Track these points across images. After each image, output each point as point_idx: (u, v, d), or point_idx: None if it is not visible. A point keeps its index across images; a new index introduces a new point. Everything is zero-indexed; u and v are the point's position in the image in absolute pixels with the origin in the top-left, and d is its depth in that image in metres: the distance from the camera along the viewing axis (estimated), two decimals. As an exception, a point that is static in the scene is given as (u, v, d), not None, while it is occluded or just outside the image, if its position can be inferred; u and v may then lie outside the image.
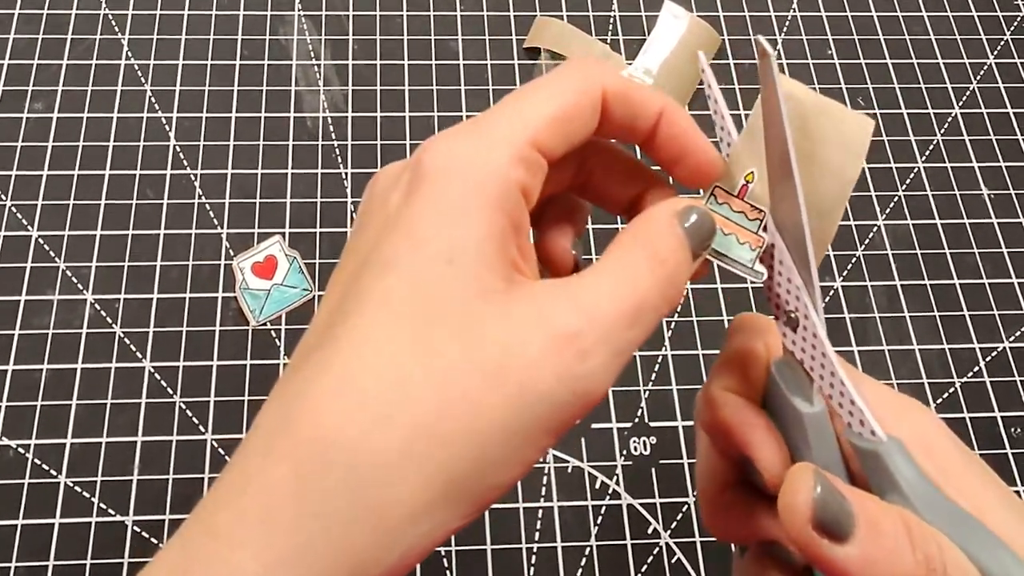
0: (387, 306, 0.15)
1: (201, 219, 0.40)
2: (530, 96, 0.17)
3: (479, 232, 0.15)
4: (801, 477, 0.16)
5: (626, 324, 0.15)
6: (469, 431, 0.14)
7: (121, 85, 0.43)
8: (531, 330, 0.15)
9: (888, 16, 0.50)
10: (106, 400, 0.35)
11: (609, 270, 0.16)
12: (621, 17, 0.49)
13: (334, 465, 0.14)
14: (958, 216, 0.44)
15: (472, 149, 0.16)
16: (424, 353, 0.14)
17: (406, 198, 0.16)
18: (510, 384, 0.14)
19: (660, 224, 0.17)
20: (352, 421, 0.14)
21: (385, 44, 0.46)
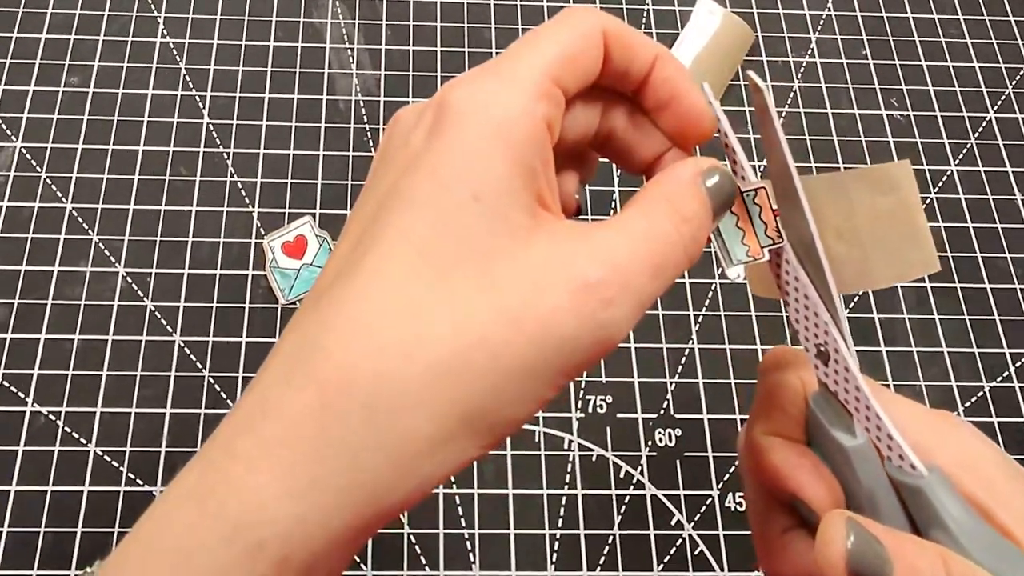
0: (407, 242, 0.15)
1: (233, 197, 0.41)
2: (542, 37, 0.17)
3: (506, 168, 0.15)
4: (834, 526, 0.16)
5: (648, 276, 0.16)
6: (488, 370, 0.15)
7: (156, 63, 0.44)
8: (555, 274, 0.15)
9: (924, 18, 0.51)
10: (136, 372, 0.37)
11: (634, 222, 0.16)
12: (654, 11, 0.50)
13: (355, 395, 0.14)
14: (990, 220, 0.45)
15: (496, 87, 0.16)
16: (445, 291, 0.15)
17: (429, 137, 0.16)
18: (531, 327, 0.15)
19: (684, 181, 0.17)
20: (373, 355, 0.14)
21: (418, 30, 0.47)
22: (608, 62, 0.18)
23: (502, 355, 0.15)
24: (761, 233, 0.18)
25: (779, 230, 0.18)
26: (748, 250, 0.18)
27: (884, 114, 0.48)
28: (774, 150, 0.18)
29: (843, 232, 0.19)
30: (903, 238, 0.18)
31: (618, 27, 0.18)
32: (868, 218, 0.19)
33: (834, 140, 0.47)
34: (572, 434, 0.38)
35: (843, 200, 0.19)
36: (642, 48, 0.18)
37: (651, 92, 0.19)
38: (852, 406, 0.17)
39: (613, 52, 0.18)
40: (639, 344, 0.40)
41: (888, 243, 0.18)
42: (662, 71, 0.18)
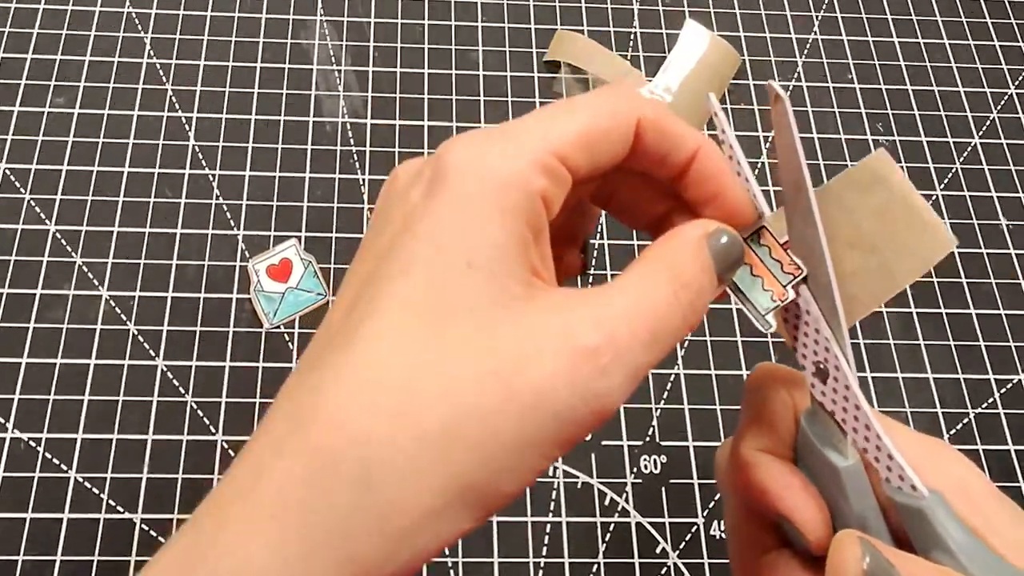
0: (403, 307, 0.15)
1: (218, 219, 0.42)
2: (560, 110, 0.17)
3: (500, 237, 0.16)
4: (848, 547, 0.16)
5: (645, 344, 0.16)
6: (480, 440, 0.15)
7: (143, 83, 0.45)
8: (549, 341, 0.15)
9: (909, 42, 0.53)
10: (118, 397, 0.37)
11: (631, 287, 0.16)
12: (642, 33, 0.51)
13: (346, 464, 0.14)
14: (976, 245, 0.47)
15: (494, 153, 0.16)
16: (439, 357, 0.15)
17: (425, 198, 0.16)
18: (525, 394, 0.15)
19: (687, 245, 0.17)
20: (365, 422, 0.15)
21: (406, 52, 0.49)
22: (641, 148, 0.18)
23: (495, 424, 0.15)
24: (778, 272, 0.18)
25: (795, 262, 0.18)
26: (772, 295, 0.18)
27: (870, 139, 0.50)
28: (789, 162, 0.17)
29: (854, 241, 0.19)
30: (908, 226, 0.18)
31: (655, 114, 0.18)
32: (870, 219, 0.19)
33: (820, 164, 0.48)
34: (558, 461, 0.39)
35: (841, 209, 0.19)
36: (682, 139, 0.18)
37: (692, 185, 0.19)
38: (850, 425, 0.17)
39: (648, 140, 0.18)
40: (625, 369, 0.41)
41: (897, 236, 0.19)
42: (705, 166, 0.18)
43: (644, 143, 0.18)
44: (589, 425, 0.16)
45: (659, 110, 0.18)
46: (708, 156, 0.18)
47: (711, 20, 0.52)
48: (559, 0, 0.52)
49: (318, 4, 0.49)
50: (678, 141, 0.18)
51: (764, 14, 0.53)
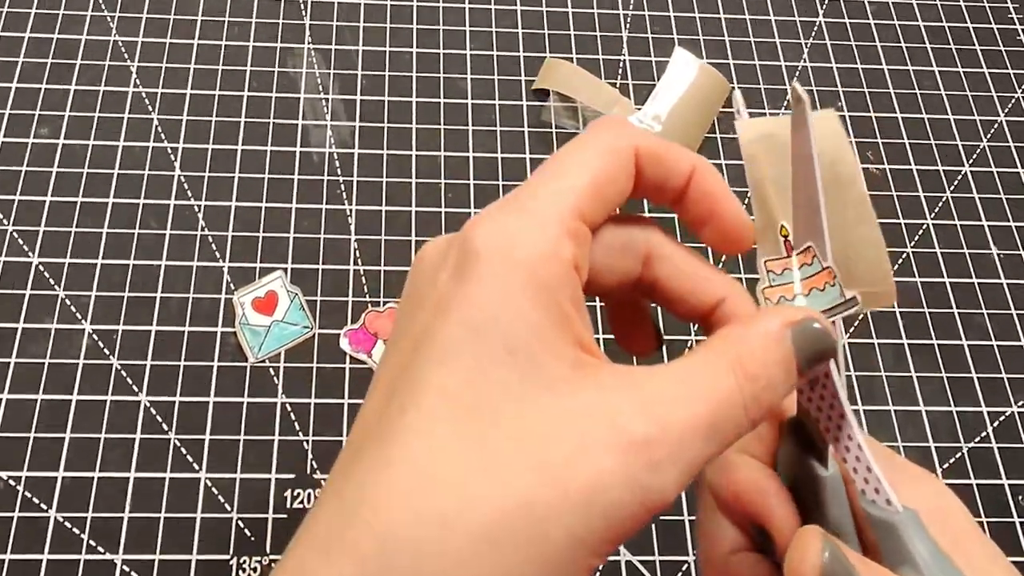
0: (443, 399, 0.15)
1: (203, 251, 0.42)
2: (567, 164, 0.17)
3: (537, 316, 0.15)
4: (809, 541, 0.16)
5: (702, 438, 0.15)
6: (532, 538, 0.14)
7: (128, 113, 0.46)
8: (600, 430, 0.15)
9: (899, 69, 0.54)
10: (100, 434, 0.37)
11: (692, 374, 0.16)
12: (631, 61, 0.52)
13: (396, 568, 0.14)
14: (967, 275, 0.47)
15: (521, 228, 0.16)
16: (485, 452, 0.15)
17: (456, 281, 0.16)
18: (575, 490, 0.14)
19: (762, 333, 0.16)
20: (412, 525, 0.14)
21: (393, 81, 0.49)
22: (641, 179, 0.18)
23: (546, 521, 0.14)
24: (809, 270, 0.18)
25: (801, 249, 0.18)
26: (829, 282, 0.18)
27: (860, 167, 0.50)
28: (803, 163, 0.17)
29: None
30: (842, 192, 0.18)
31: (650, 144, 0.18)
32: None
33: (811, 193, 0.49)
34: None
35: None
36: (677, 163, 0.18)
37: (690, 206, 0.19)
38: (832, 434, 0.17)
39: (646, 170, 0.18)
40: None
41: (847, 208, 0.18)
42: (700, 184, 0.18)
43: (644, 173, 0.18)
44: (641, 520, 0.15)
45: (652, 138, 0.18)
46: (704, 175, 0.18)
47: (700, 47, 0.53)
48: (548, 28, 0.52)
49: (306, 32, 0.50)
50: (675, 164, 0.18)
51: (753, 41, 0.54)
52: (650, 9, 0.54)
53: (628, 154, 0.18)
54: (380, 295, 0.42)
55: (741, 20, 0.54)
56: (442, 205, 0.45)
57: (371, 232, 0.44)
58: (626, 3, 0.54)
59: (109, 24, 0.48)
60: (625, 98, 0.50)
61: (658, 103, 0.50)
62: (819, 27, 0.55)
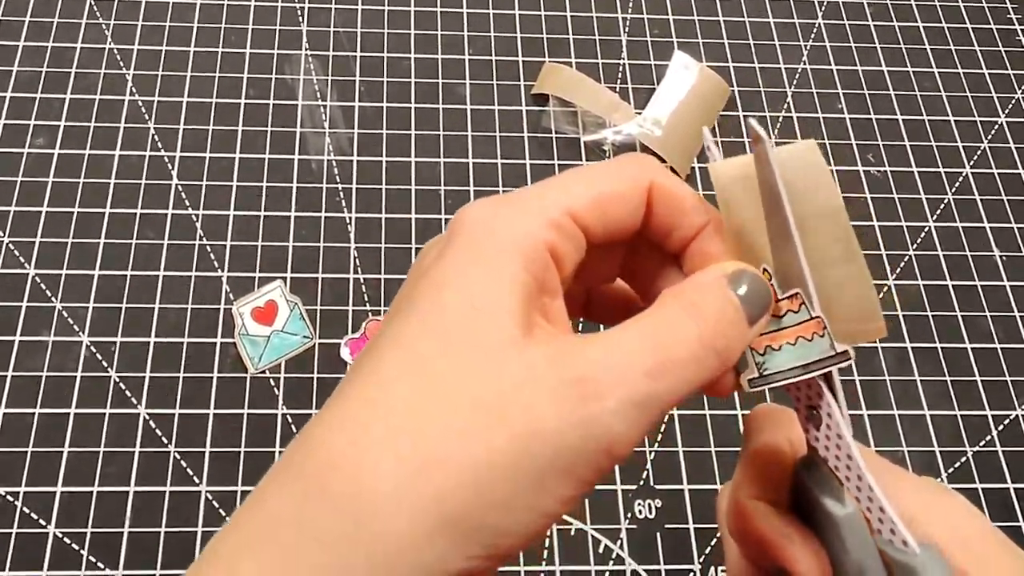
0: (401, 346, 0.16)
1: (202, 261, 0.42)
2: (575, 174, 0.18)
3: (505, 284, 0.16)
4: None
5: (648, 374, 0.16)
6: (467, 466, 0.15)
7: (124, 122, 0.45)
8: (541, 372, 0.15)
9: (899, 71, 0.54)
10: (99, 448, 0.37)
11: (637, 323, 0.17)
12: (630, 65, 0.52)
13: (335, 493, 0.15)
14: (970, 278, 0.47)
15: (508, 212, 0.17)
16: (430, 389, 0.16)
17: (440, 252, 0.18)
18: (515, 423, 0.15)
19: (705, 280, 0.17)
20: (352, 452, 0.15)
21: (392, 87, 0.49)
22: (653, 216, 0.18)
23: (483, 449, 0.15)
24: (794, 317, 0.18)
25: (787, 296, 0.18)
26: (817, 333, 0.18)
27: (861, 170, 0.50)
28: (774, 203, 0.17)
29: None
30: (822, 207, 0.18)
31: (669, 184, 0.18)
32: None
33: (812, 196, 0.49)
34: (549, 506, 0.39)
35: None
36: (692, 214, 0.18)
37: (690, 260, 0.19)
38: (843, 474, 0.17)
39: (659, 206, 0.18)
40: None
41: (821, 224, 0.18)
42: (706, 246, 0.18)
43: (655, 210, 0.18)
44: (593, 458, 0.15)
45: (674, 180, 0.18)
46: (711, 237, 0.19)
47: (700, 51, 0.53)
48: (546, 32, 0.52)
49: (303, 38, 0.50)
50: (687, 214, 0.18)
51: (753, 44, 0.54)
52: (649, 12, 0.54)
53: (641, 183, 0.18)
54: (381, 303, 0.42)
55: (740, 23, 0.54)
56: (442, 212, 0.45)
57: (371, 240, 0.44)
58: (625, 7, 0.54)
59: (104, 32, 0.48)
60: (625, 103, 0.50)
61: (658, 107, 0.49)
62: (818, 29, 0.55)
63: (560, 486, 0.15)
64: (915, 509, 0.18)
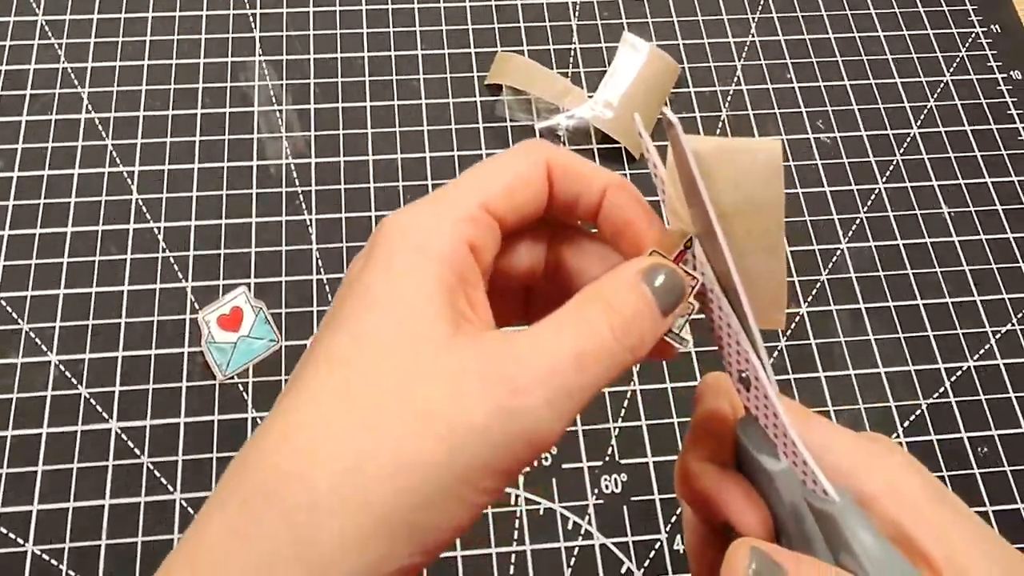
0: (330, 360, 0.16)
1: (165, 273, 0.40)
2: (481, 168, 0.18)
3: (424, 287, 0.16)
4: (737, 553, 0.16)
5: (570, 368, 0.15)
6: (397, 468, 0.14)
7: (82, 140, 0.42)
8: (465, 371, 0.15)
9: (845, 37, 0.51)
10: (72, 464, 0.35)
11: (556, 319, 0.16)
12: (581, 49, 0.49)
13: (274, 505, 0.15)
14: (919, 236, 0.45)
15: (422, 215, 0.17)
16: (360, 398, 0.15)
17: (363, 267, 0.17)
18: (439, 423, 0.15)
19: (619, 278, 0.17)
20: (286, 464, 0.15)
21: (346, 87, 0.46)
22: (556, 193, 0.18)
23: (409, 451, 0.15)
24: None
25: (691, 274, 0.18)
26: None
27: (811, 137, 0.47)
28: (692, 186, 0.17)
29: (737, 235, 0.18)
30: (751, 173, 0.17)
31: (563, 158, 0.18)
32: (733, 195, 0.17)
33: (764, 167, 0.46)
34: (518, 488, 0.37)
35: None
36: (591, 179, 0.18)
37: (604, 221, 0.19)
38: (772, 432, 0.17)
39: (559, 184, 0.18)
40: (581, 391, 0.39)
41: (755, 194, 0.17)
42: (615, 200, 0.19)
43: (557, 187, 0.18)
44: (518, 451, 0.15)
45: (569, 155, 0.18)
46: (616, 191, 0.19)
47: (650, 30, 0.50)
48: (497, 22, 0.49)
49: (256, 44, 0.47)
50: (587, 180, 0.18)
51: (701, 19, 0.51)
52: (597, -5, 0.51)
53: (540, 164, 0.18)
54: (345, 302, 0.40)
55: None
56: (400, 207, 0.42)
57: (332, 240, 0.41)
58: (573, -10, 0.51)
59: (57, 51, 0.45)
60: (577, 87, 0.47)
61: (609, 89, 0.46)
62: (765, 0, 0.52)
63: (486, 479, 0.15)
64: (851, 464, 0.17)
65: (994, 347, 0.42)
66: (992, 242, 0.45)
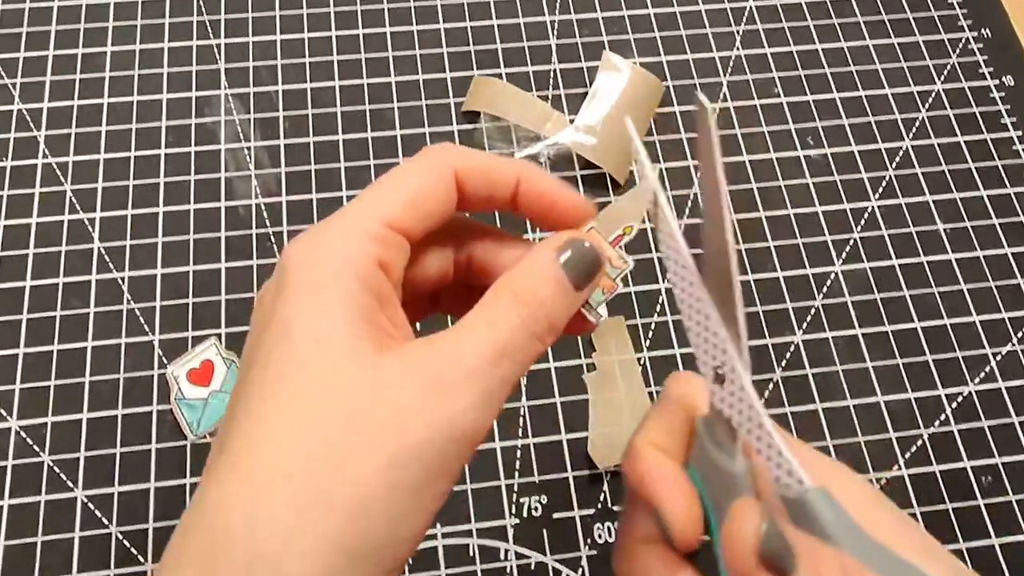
0: (265, 398, 0.15)
1: (131, 326, 0.37)
2: (382, 184, 0.18)
3: (341, 311, 0.16)
4: (750, 511, 0.16)
5: (491, 363, 0.16)
6: (349, 498, 0.14)
7: (39, 187, 0.39)
8: (400, 382, 0.15)
9: (833, 48, 0.48)
10: (36, 538, 0.32)
11: (474, 317, 0.17)
12: (561, 70, 0.46)
13: (232, 557, 0.14)
14: (915, 254, 0.42)
15: (326, 238, 0.17)
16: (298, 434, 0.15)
17: (275, 299, 0.17)
18: (386, 443, 0.15)
19: (531, 264, 0.17)
20: (238, 513, 0.14)
21: (317, 119, 0.43)
22: (467, 194, 0.18)
23: (359, 480, 0.14)
24: (609, 268, 0.18)
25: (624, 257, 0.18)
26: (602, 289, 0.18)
27: (801, 154, 0.45)
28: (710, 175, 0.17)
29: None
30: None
31: (469, 161, 0.18)
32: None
33: (753, 187, 0.43)
34: (508, 542, 0.34)
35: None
36: (501, 173, 0.18)
37: (525, 207, 0.19)
38: (744, 427, 0.17)
39: (468, 185, 0.18)
40: (570, 436, 0.36)
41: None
42: (530, 187, 0.19)
43: (468, 188, 0.18)
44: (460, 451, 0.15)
45: (474, 157, 0.18)
46: (529, 179, 0.19)
47: (631, 47, 0.47)
48: (473, 44, 0.46)
49: (222, 77, 0.44)
50: (497, 175, 0.18)
51: (684, 34, 0.48)
52: (577, 12, 0.48)
53: (446, 174, 0.18)
54: (321, 349, 0.37)
55: (671, 14, 0.48)
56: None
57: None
58: (552, 8, 0.48)
59: (11, 92, 0.42)
60: (558, 112, 0.44)
61: (590, 113, 0.44)
62: (750, 11, 0.49)
63: (437, 485, 0.15)
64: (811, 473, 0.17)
65: (995, 369, 0.40)
66: (990, 259, 0.42)
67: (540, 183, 0.19)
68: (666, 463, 0.18)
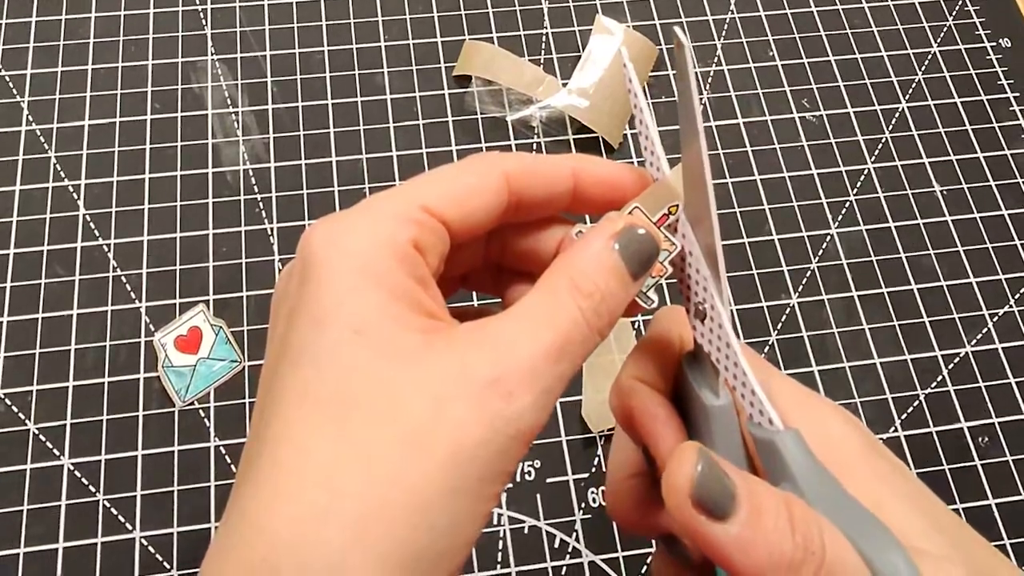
0: (303, 399, 0.14)
1: (117, 294, 0.35)
2: (426, 175, 0.16)
3: (381, 296, 0.14)
4: (685, 454, 0.15)
5: (552, 361, 0.15)
6: (408, 510, 0.13)
7: (23, 154, 0.37)
8: (452, 386, 0.14)
9: (828, 10, 0.45)
10: (22, 507, 0.31)
11: (530, 308, 0.15)
12: (554, 34, 0.43)
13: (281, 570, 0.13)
14: (911, 217, 0.40)
15: (353, 223, 0.15)
16: (346, 439, 0.14)
17: (301, 284, 0.15)
18: (440, 448, 0.13)
19: (589, 252, 0.16)
20: (291, 528, 0.13)
21: (306, 84, 0.41)
22: (522, 198, 0.17)
23: (417, 485, 0.13)
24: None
25: (670, 239, 0.17)
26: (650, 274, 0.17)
27: (796, 117, 0.42)
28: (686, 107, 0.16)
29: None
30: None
31: (519, 162, 0.17)
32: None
33: (748, 151, 0.41)
34: (502, 507, 0.32)
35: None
36: (554, 167, 0.17)
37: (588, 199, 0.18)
38: (722, 364, 0.17)
39: (522, 187, 0.17)
40: (563, 399, 0.35)
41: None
42: (589, 175, 0.17)
43: (522, 191, 0.17)
44: (515, 452, 0.14)
45: (523, 157, 0.17)
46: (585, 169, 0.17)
47: (624, 10, 0.44)
48: (465, 8, 0.44)
49: (208, 42, 0.41)
50: (552, 172, 0.17)
51: (678, -3, 0.45)
52: (568, -24, 0.45)
53: (493, 174, 0.16)
54: (311, 315, 0.35)
55: (663, -24, 0.45)
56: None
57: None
58: (543, -28, 0.45)
59: (-7, 59, 0.39)
60: (550, 76, 0.42)
61: (583, 77, 0.41)
62: (743, -26, 0.46)
63: (492, 486, 0.14)
64: (786, 407, 0.17)
65: (992, 330, 0.38)
66: (986, 220, 0.40)
67: (598, 169, 0.17)
68: (655, 399, 0.18)
